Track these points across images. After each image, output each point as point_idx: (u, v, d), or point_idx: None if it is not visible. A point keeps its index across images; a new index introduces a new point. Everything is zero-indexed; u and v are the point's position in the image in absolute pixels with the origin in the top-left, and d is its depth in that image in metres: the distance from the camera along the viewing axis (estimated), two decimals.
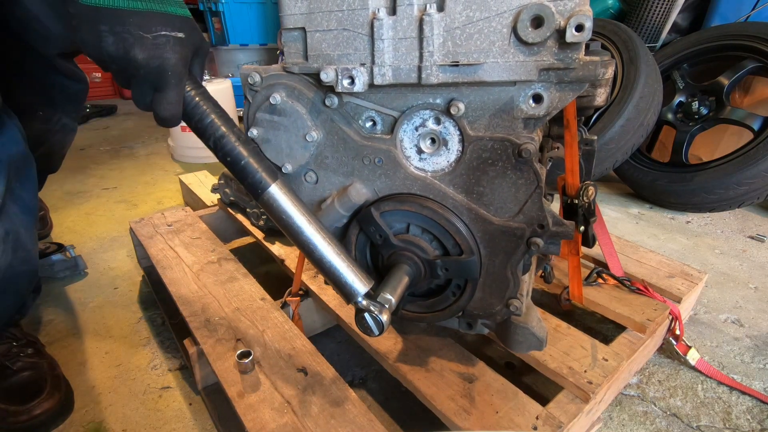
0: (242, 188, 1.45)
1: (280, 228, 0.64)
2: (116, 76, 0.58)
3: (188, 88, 0.59)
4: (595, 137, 0.95)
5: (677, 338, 1.08)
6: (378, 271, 0.81)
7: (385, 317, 0.61)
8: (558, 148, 0.97)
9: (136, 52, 0.53)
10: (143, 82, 0.56)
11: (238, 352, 0.86)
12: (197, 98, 0.60)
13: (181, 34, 0.55)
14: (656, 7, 2.23)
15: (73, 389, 1.00)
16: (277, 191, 0.63)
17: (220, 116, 0.62)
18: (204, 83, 2.46)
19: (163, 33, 0.54)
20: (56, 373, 0.98)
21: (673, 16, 2.26)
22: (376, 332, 0.62)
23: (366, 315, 0.61)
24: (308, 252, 0.64)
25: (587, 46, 0.62)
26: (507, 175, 0.65)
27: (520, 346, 0.81)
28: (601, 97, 0.85)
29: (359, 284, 0.63)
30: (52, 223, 1.77)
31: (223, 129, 0.61)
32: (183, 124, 0.61)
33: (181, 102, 0.59)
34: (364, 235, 0.76)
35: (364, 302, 0.63)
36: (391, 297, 0.65)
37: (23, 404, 0.88)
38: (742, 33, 1.87)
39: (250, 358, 0.85)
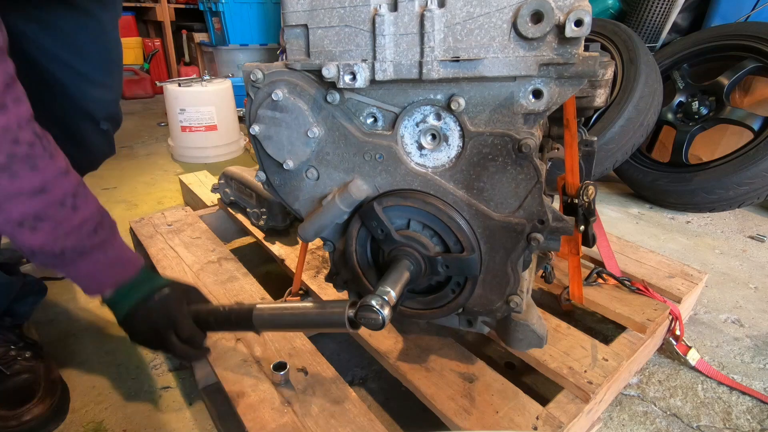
0: (242, 188, 1.45)
1: (278, 329, 0.81)
2: None
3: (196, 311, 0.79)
4: (595, 138, 0.95)
5: (677, 338, 1.08)
6: (378, 266, 0.81)
7: (386, 312, 0.61)
8: (558, 148, 0.98)
9: (145, 327, 0.76)
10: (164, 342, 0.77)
11: (273, 363, 0.84)
12: (206, 315, 0.79)
13: (165, 290, 0.76)
14: (656, 7, 2.23)
15: (69, 393, 0.99)
16: (259, 309, 0.75)
17: (223, 308, 0.79)
18: (204, 83, 2.44)
19: (158, 298, 0.75)
20: (52, 377, 0.97)
21: (673, 16, 2.26)
22: (377, 327, 0.61)
23: (367, 309, 0.61)
24: (304, 328, 0.77)
25: (587, 47, 0.62)
26: (507, 170, 0.65)
27: (521, 343, 0.80)
28: (600, 97, 0.85)
29: (339, 311, 0.68)
30: None
31: (228, 311, 0.78)
32: (184, 124, 0.63)
33: (193, 326, 0.78)
34: (366, 230, 0.76)
35: (369, 299, 0.63)
36: (392, 291, 0.64)
37: (14, 409, 0.88)
38: (742, 33, 1.87)
39: (286, 369, 0.83)
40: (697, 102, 1.94)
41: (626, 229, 1.84)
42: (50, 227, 0.66)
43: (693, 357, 1.08)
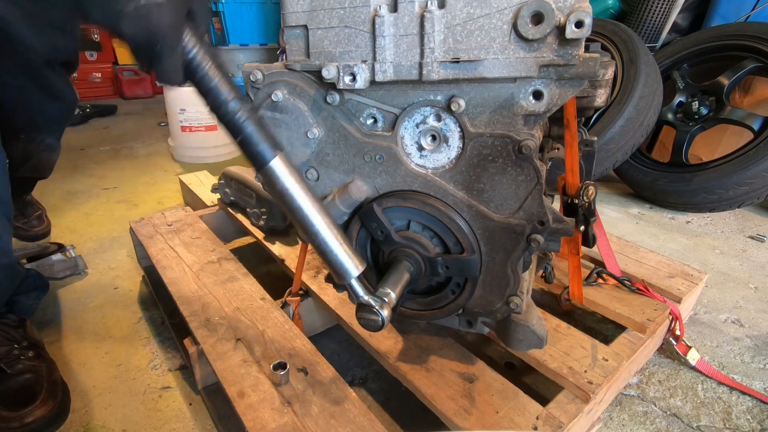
0: (242, 188, 1.45)
1: (279, 202, 0.62)
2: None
3: (191, 45, 0.55)
4: (595, 138, 0.95)
5: (677, 338, 1.08)
6: (378, 267, 0.81)
7: (385, 312, 0.61)
8: (558, 148, 0.97)
9: (123, 27, 0.51)
10: (138, 54, 0.54)
11: (273, 363, 0.84)
12: (200, 56, 0.56)
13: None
14: (656, 7, 2.23)
15: (70, 394, 0.99)
16: (279, 164, 0.60)
17: (225, 80, 0.58)
18: None
19: (143, 3, 0.51)
20: (54, 378, 0.97)
21: (673, 16, 2.26)
22: (377, 327, 0.62)
23: (367, 310, 0.61)
24: (305, 227, 0.61)
25: (587, 47, 0.62)
26: (507, 171, 0.65)
27: (521, 344, 0.80)
28: (601, 97, 0.85)
29: (352, 265, 0.61)
30: (49, 222, 1.75)
31: (227, 94, 0.57)
32: (184, 124, 0.62)
33: (179, 67, 0.56)
34: (365, 231, 0.76)
35: (366, 297, 0.62)
36: (391, 292, 0.65)
37: (16, 410, 0.88)
38: (742, 33, 1.87)
39: (286, 370, 0.82)
40: (697, 102, 1.94)
41: (626, 229, 1.84)
42: None
43: (693, 357, 1.08)
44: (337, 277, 0.63)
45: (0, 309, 1.02)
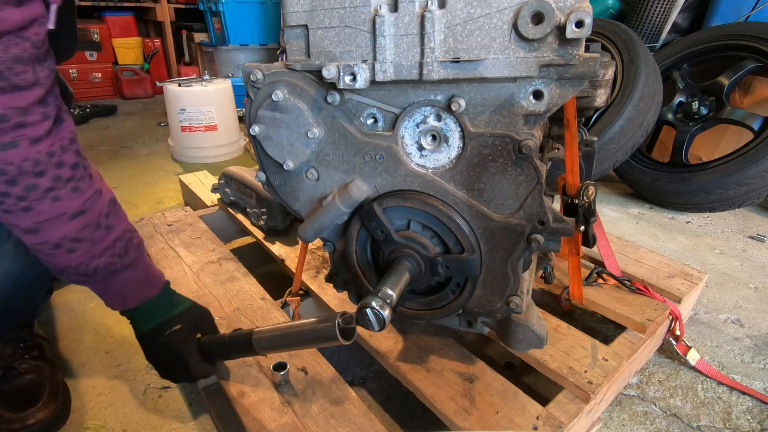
0: (242, 188, 1.45)
1: (278, 350, 0.79)
2: None
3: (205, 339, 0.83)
4: (595, 138, 0.95)
5: (677, 338, 1.08)
6: (378, 267, 0.81)
7: (386, 312, 0.61)
8: (558, 148, 0.98)
9: (159, 355, 0.80)
10: (176, 370, 0.81)
11: (273, 363, 0.84)
12: (212, 346, 0.82)
13: (177, 326, 0.78)
14: (656, 7, 2.23)
15: (71, 395, 0.99)
16: (258, 333, 0.76)
17: (227, 337, 0.81)
18: (204, 83, 2.43)
19: (165, 337, 0.78)
20: (56, 379, 0.97)
21: (673, 16, 2.26)
22: (377, 328, 0.61)
23: (367, 310, 0.61)
24: (290, 338, 0.74)
25: (587, 47, 0.62)
26: (507, 171, 0.65)
27: (521, 344, 0.80)
28: (601, 97, 0.85)
29: (331, 325, 0.67)
30: None
31: (229, 340, 0.80)
32: (184, 124, 0.63)
33: (200, 361, 0.80)
34: (365, 231, 0.76)
35: (369, 300, 0.63)
36: (391, 292, 0.64)
37: (18, 412, 0.87)
38: (742, 33, 1.87)
39: (286, 370, 0.83)
40: (697, 102, 1.94)
41: (626, 229, 1.84)
42: (86, 248, 0.67)
43: (693, 357, 1.08)
44: (331, 340, 0.68)
45: (25, 318, 1.03)
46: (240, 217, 1.47)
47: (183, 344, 0.79)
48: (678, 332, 1.08)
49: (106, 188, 0.72)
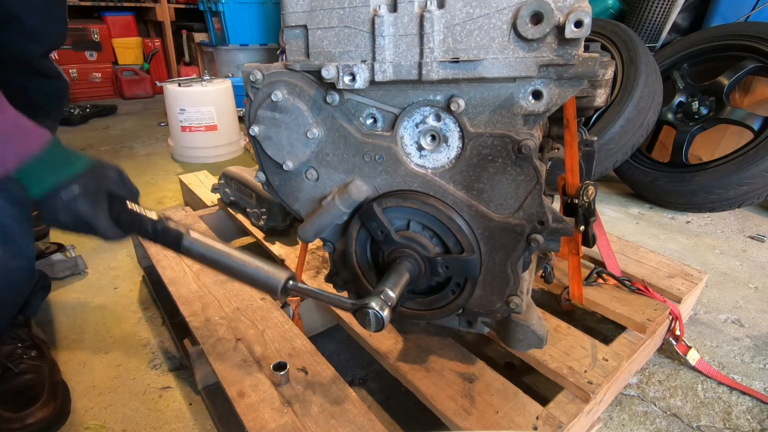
0: (242, 188, 1.45)
1: (207, 266, 0.75)
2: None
3: (121, 208, 0.72)
4: (595, 138, 0.95)
5: (677, 338, 1.08)
6: (378, 267, 0.81)
7: (385, 313, 0.61)
8: (558, 148, 0.97)
9: (61, 220, 0.69)
10: (84, 232, 0.71)
11: (273, 363, 0.84)
12: (130, 214, 0.73)
13: (77, 189, 0.68)
14: (656, 7, 2.23)
15: (71, 395, 0.99)
16: (191, 240, 0.73)
17: (146, 216, 0.74)
18: (204, 83, 2.43)
19: (66, 198, 0.67)
20: (55, 379, 0.97)
21: (673, 16, 2.26)
22: (377, 328, 0.62)
23: (367, 311, 0.61)
24: (230, 269, 0.72)
25: (587, 47, 0.62)
26: (507, 171, 0.65)
27: (521, 344, 0.80)
28: (600, 97, 0.85)
29: (277, 275, 0.68)
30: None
31: (150, 223, 0.74)
32: (184, 124, 0.63)
33: (113, 226, 0.72)
34: (365, 231, 0.76)
35: (369, 300, 0.63)
36: (391, 293, 0.64)
37: (18, 411, 0.87)
38: (742, 33, 1.87)
39: (286, 370, 0.82)
40: (697, 102, 1.94)
41: (626, 229, 1.84)
42: None
43: (693, 357, 1.08)
44: (272, 292, 0.69)
45: (19, 315, 1.02)
46: (240, 217, 1.47)
47: (89, 209, 0.68)
48: (678, 332, 1.08)
49: None
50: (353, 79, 0.63)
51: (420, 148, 0.70)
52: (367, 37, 0.63)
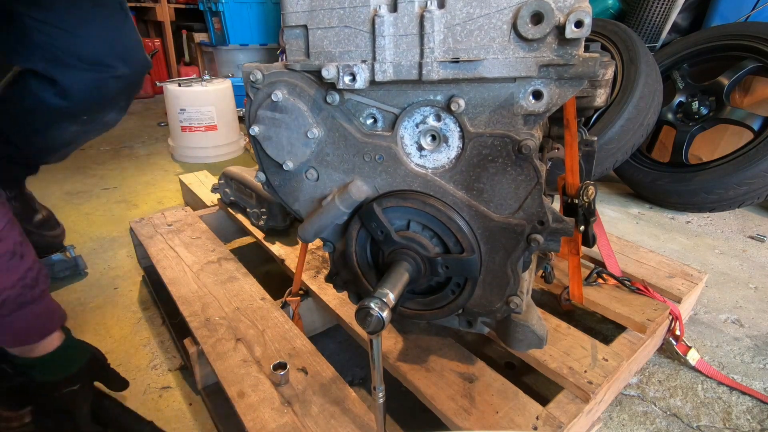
0: (242, 188, 1.45)
1: None
2: None
3: None
4: (595, 138, 0.95)
5: (677, 338, 1.08)
6: (378, 267, 0.81)
7: (385, 314, 0.61)
8: (558, 148, 0.97)
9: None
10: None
11: (273, 363, 0.84)
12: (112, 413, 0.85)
13: (75, 386, 0.79)
14: (656, 7, 2.23)
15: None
16: None
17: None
18: (204, 83, 2.44)
19: (62, 395, 0.78)
20: None
21: (673, 16, 2.26)
22: (376, 329, 0.61)
23: (367, 311, 0.61)
24: None
25: (587, 47, 0.62)
26: (507, 171, 0.65)
27: (521, 344, 0.80)
28: (600, 97, 0.85)
29: None
30: (63, 227, 1.60)
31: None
32: (184, 124, 0.62)
33: (90, 424, 0.81)
34: (365, 231, 0.76)
35: (368, 301, 0.62)
36: (391, 293, 0.64)
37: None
38: (742, 33, 1.87)
39: (286, 370, 0.83)
40: (697, 102, 1.94)
41: (626, 229, 1.84)
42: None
43: (693, 357, 1.08)
44: None
45: None
46: (240, 217, 1.47)
47: (77, 403, 0.79)
48: (678, 332, 1.08)
49: (14, 219, 0.70)
50: (353, 79, 0.63)
51: (420, 148, 0.70)
52: (367, 37, 0.63)
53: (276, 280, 1.39)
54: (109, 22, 1.02)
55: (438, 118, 0.67)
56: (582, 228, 0.88)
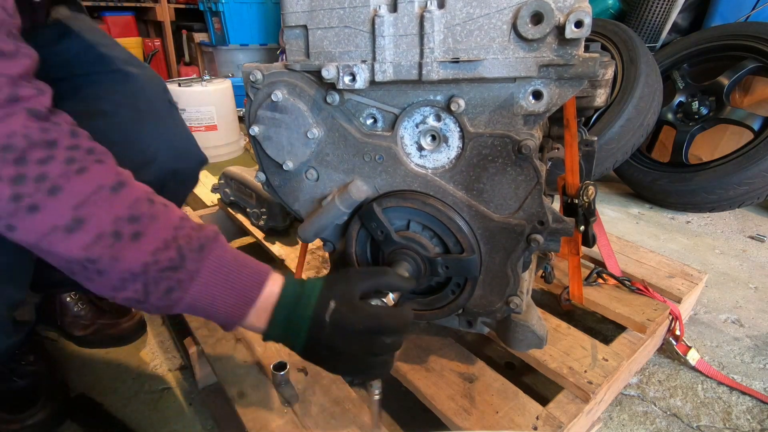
0: (242, 188, 1.45)
1: None
2: None
3: None
4: (595, 138, 0.95)
5: (677, 338, 1.08)
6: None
7: None
8: (558, 148, 0.97)
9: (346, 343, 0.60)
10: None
11: (273, 363, 0.83)
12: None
13: (333, 303, 0.59)
14: (656, 7, 2.23)
15: (71, 395, 0.99)
16: None
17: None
18: (204, 83, 2.43)
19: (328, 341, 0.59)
20: (54, 380, 0.97)
21: (673, 16, 2.26)
22: None
23: None
24: None
25: (587, 47, 0.62)
26: (507, 171, 0.65)
27: (521, 344, 0.80)
28: (600, 97, 0.85)
29: None
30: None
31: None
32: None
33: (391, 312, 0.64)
34: (365, 231, 0.76)
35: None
36: (390, 293, 0.65)
37: (17, 413, 0.88)
38: (742, 33, 1.87)
39: (286, 370, 0.82)
40: (697, 102, 1.94)
41: (626, 229, 1.84)
42: (153, 228, 0.50)
43: (693, 357, 1.08)
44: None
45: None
46: (240, 217, 1.47)
47: (367, 314, 0.59)
48: (678, 332, 1.08)
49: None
50: (353, 79, 0.63)
51: (420, 148, 0.70)
52: (367, 37, 0.63)
53: None
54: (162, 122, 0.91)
55: (438, 118, 0.67)
56: (582, 228, 0.88)
